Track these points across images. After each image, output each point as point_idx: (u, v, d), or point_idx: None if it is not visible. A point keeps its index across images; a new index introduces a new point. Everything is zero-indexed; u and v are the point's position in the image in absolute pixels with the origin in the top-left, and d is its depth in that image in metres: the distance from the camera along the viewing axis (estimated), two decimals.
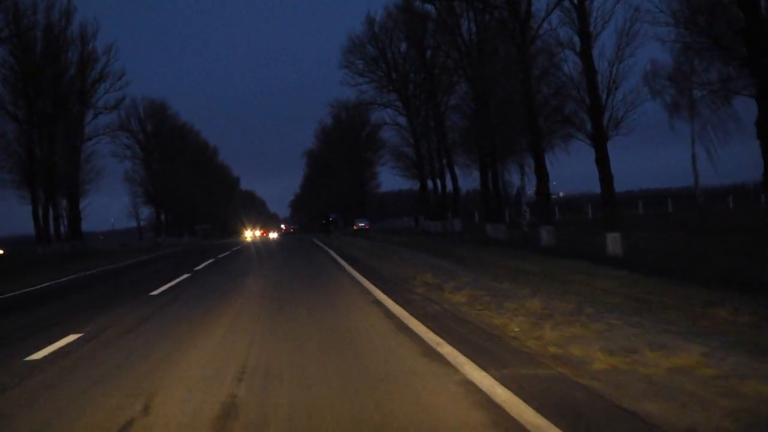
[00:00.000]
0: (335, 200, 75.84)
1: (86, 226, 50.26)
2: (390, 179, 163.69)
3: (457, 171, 45.07)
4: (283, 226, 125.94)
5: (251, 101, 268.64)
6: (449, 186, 47.90)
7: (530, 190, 29.60)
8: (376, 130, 73.37)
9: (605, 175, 20.12)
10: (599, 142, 20.17)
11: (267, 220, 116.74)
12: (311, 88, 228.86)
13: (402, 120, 52.13)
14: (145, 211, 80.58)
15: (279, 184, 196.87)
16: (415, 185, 55.50)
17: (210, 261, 24.34)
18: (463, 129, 39.64)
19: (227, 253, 31.41)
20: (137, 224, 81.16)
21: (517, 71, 26.95)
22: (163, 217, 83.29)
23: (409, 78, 49.81)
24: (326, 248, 29.24)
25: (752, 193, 45.15)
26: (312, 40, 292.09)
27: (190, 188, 79.86)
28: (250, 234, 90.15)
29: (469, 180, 56.11)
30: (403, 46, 49.34)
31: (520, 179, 31.90)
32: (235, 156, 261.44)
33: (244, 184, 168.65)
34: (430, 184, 51.09)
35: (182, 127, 79.79)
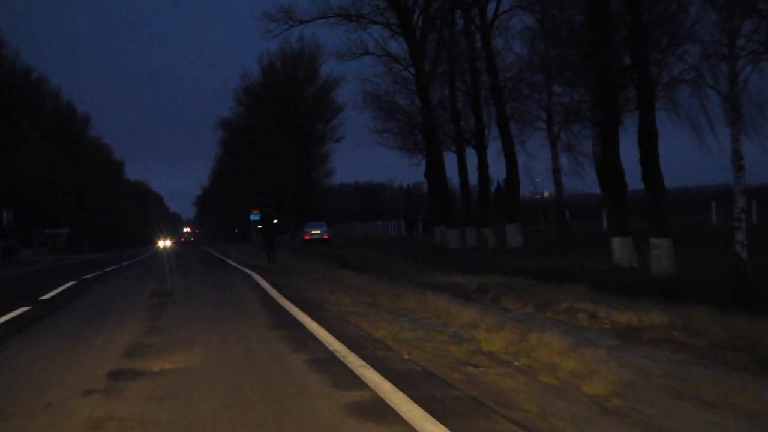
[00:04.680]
0: (263, 193, 50.05)
1: None
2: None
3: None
4: (187, 229, 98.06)
5: (154, 74, 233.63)
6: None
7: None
8: (332, 86, 48.27)
9: None
10: None
11: (163, 222, 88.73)
12: (229, 61, 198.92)
13: (396, 46, 27.85)
14: None
15: (187, 177, 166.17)
16: (372, 178, 31.37)
17: None
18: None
19: None
20: None
21: None
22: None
23: None
24: None
25: None
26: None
27: (49, 174, 53.50)
28: None
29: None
30: None
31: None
32: (127, 141, 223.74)
33: (134, 173, 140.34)
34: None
35: (24, 75, 51.10)
